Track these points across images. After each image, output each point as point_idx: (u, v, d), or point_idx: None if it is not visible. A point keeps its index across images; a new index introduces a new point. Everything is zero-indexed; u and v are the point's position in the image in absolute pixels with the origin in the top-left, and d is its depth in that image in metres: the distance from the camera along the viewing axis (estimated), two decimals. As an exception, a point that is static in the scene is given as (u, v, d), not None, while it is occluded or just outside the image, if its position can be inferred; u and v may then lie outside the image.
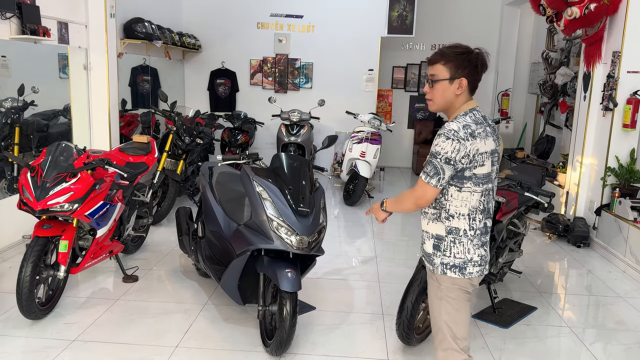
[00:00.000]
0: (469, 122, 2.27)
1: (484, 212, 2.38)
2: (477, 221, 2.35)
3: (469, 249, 2.35)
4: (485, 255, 2.40)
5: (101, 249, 4.16)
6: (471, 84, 2.35)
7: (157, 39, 7.17)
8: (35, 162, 3.74)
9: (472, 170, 2.27)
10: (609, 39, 5.76)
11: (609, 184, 5.72)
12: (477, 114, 2.34)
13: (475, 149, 2.24)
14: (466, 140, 2.22)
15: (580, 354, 3.64)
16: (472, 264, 2.36)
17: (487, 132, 2.30)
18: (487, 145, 2.29)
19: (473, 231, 2.35)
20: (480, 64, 2.33)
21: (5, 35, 4.76)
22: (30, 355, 3.33)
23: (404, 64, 10.40)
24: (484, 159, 2.28)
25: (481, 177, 2.30)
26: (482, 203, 2.35)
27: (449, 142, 2.22)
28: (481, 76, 2.38)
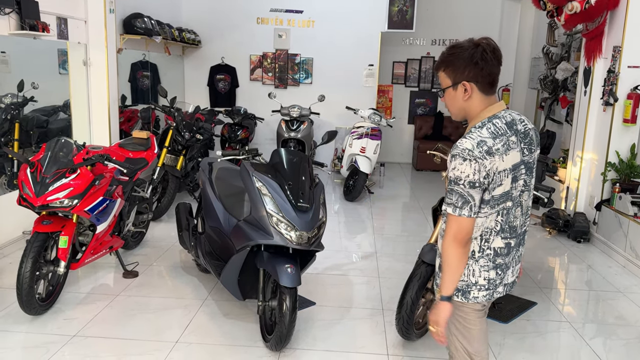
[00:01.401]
0: (484, 137, 1.96)
1: (503, 232, 2.08)
2: (490, 242, 2.08)
3: (473, 270, 2.11)
4: (494, 279, 2.12)
5: (101, 245, 4.16)
6: (481, 85, 2.02)
7: (156, 35, 7.16)
8: (35, 158, 3.73)
9: (491, 192, 1.99)
10: (609, 33, 5.74)
11: (609, 179, 5.71)
12: (500, 121, 2.01)
13: (495, 168, 1.95)
14: (484, 160, 1.93)
15: (580, 349, 3.64)
16: (477, 288, 2.12)
17: (510, 144, 1.99)
18: (507, 161, 1.98)
19: (481, 252, 2.09)
20: (481, 59, 1.98)
21: (4, 31, 4.75)
22: (30, 351, 3.34)
23: (404, 59, 10.38)
24: (502, 177, 1.98)
25: (498, 198, 2.01)
26: (499, 223, 2.06)
27: (467, 164, 1.93)
28: (492, 71, 2.01)
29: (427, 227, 6.27)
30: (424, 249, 3.53)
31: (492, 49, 2.01)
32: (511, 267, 2.17)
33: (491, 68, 2.00)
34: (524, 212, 2.13)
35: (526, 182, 2.09)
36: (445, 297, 2.08)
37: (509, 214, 2.07)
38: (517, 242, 2.15)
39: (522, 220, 2.14)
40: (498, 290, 2.16)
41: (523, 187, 2.08)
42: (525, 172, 2.07)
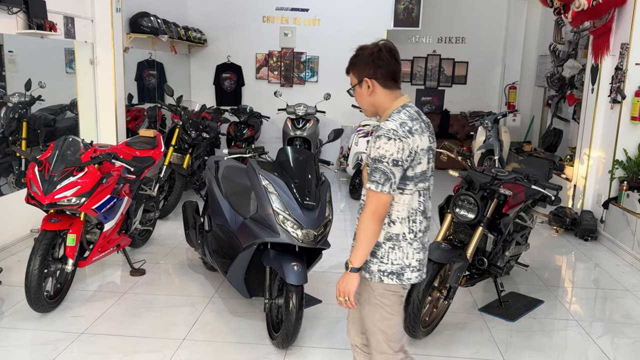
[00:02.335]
0: (404, 119, 2.15)
1: (424, 213, 2.27)
2: (417, 223, 2.24)
3: (408, 253, 2.23)
4: (423, 259, 2.30)
5: (108, 243, 4.18)
6: (381, 80, 2.22)
7: (162, 34, 7.18)
8: (43, 157, 3.76)
9: (414, 169, 2.17)
10: (617, 30, 5.71)
11: (617, 177, 5.68)
12: (411, 109, 2.23)
13: (416, 146, 2.14)
14: (407, 138, 2.11)
15: (587, 348, 3.63)
16: (410, 270, 2.25)
17: (422, 128, 2.20)
18: (423, 141, 2.18)
19: (413, 234, 2.23)
20: (378, 58, 2.20)
21: (12, 30, 4.78)
22: (38, 348, 3.36)
23: (410, 57, 10.36)
24: (421, 156, 2.18)
25: (419, 176, 2.20)
26: (421, 204, 2.24)
27: (392, 143, 2.09)
28: (390, 68, 2.22)
29: (433, 225, 6.25)
30: (430, 247, 3.51)
31: (388, 49, 2.25)
32: (426, 247, 2.35)
33: (389, 66, 2.22)
34: (431, 195, 2.33)
35: (432, 169, 2.30)
36: (355, 269, 2.20)
37: (425, 195, 2.27)
38: (428, 224, 2.34)
39: (430, 204, 2.35)
40: (424, 271, 2.32)
41: (431, 173, 2.29)
42: (432, 157, 2.28)
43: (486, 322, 3.88)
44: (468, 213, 3.60)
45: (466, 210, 3.61)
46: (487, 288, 4.42)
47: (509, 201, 3.78)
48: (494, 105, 10.33)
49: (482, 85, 10.34)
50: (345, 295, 2.21)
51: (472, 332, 3.74)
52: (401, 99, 2.26)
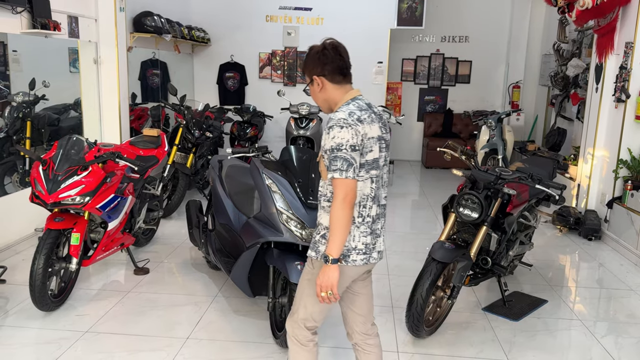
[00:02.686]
0: (353, 109, 2.27)
1: (375, 200, 2.35)
2: (367, 208, 2.33)
3: (354, 236, 2.31)
4: (370, 243, 2.35)
5: (112, 242, 4.20)
6: (329, 77, 2.35)
7: (166, 33, 7.18)
8: (47, 156, 3.77)
9: (365, 156, 2.27)
10: (621, 29, 5.69)
11: (621, 177, 5.66)
12: (361, 102, 2.35)
13: (364, 134, 2.25)
14: (356, 126, 2.22)
15: (591, 347, 3.62)
16: (356, 252, 2.33)
17: (373, 118, 2.31)
18: (373, 130, 2.29)
19: (361, 218, 2.32)
20: (323, 55, 2.35)
21: (16, 30, 4.79)
22: (43, 346, 3.37)
23: (414, 56, 10.35)
24: (371, 144, 2.29)
25: (371, 163, 2.30)
26: (373, 190, 2.33)
27: (344, 130, 2.20)
28: (336, 64, 2.35)
29: (436, 225, 6.26)
30: (434, 246, 3.52)
31: (332, 46, 2.38)
32: (381, 235, 2.43)
33: (334, 62, 2.35)
34: (385, 184, 2.43)
35: (385, 158, 2.40)
36: (335, 260, 2.23)
37: (377, 182, 2.36)
38: (382, 212, 2.43)
39: (385, 193, 2.43)
40: (373, 255, 2.38)
41: (384, 162, 2.39)
42: (385, 147, 2.39)
43: (490, 322, 3.88)
44: (472, 212, 3.59)
45: (470, 210, 3.60)
46: (490, 287, 4.42)
47: (512, 200, 3.77)
48: (497, 105, 10.31)
49: (486, 84, 10.32)
50: (327, 289, 2.24)
51: (475, 332, 3.74)
52: (351, 92, 2.38)
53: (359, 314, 2.56)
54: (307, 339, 2.46)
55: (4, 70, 5.47)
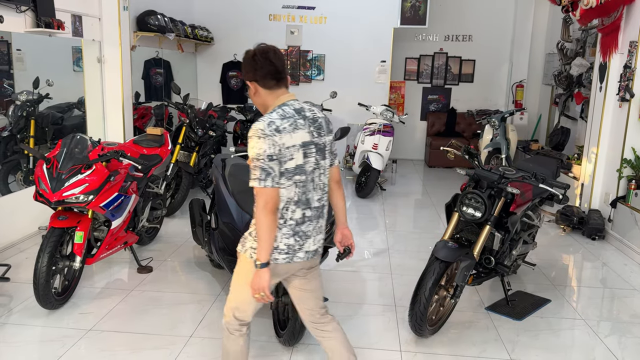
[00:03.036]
0: (274, 119, 2.31)
1: (299, 204, 2.40)
2: (289, 211, 2.38)
3: (276, 237, 2.38)
4: (294, 245, 2.42)
5: (116, 240, 4.21)
6: (261, 82, 2.40)
7: (169, 32, 7.19)
8: (51, 154, 3.78)
9: (284, 165, 2.31)
10: (625, 28, 5.67)
11: (625, 176, 5.65)
12: (288, 108, 2.38)
13: (282, 144, 2.28)
14: (273, 136, 2.27)
15: (594, 347, 3.61)
16: (277, 252, 2.40)
17: (298, 125, 2.35)
18: (295, 138, 2.32)
19: (283, 220, 2.38)
20: (253, 61, 2.40)
21: (20, 29, 4.81)
22: (47, 344, 3.38)
23: (417, 55, 10.33)
24: (292, 152, 2.32)
25: (292, 171, 2.34)
26: (296, 194, 2.38)
27: (262, 141, 2.26)
28: (267, 70, 2.38)
29: (439, 224, 6.25)
30: (437, 245, 3.52)
31: (261, 52, 2.42)
32: (312, 236, 2.49)
33: (264, 68, 2.39)
34: (317, 187, 2.46)
35: (318, 161, 2.43)
36: (264, 264, 2.34)
37: (304, 187, 2.40)
38: (314, 214, 2.47)
39: (319, 196, 2.48)
40: (298, 255, 2.46)
41: (315, 166, 2.42)
42: (316, 152, 2.42)
43: (493, 321, 3.88)
44: (475, 212, 3.59)
45: (473, 209, 3.60)
46: (494, 287, 4.41)
47: (516, 200, 3.76)
48: (501, 104, 10.29)
49: (489, 83, 10.30)
50: (259, 292, 2.35)
51: (478, 331, 3.73)
52: (281, 97, 2.42)
53: (306, 307, 2.67)
54: (235, 328, 2.60)
55: (8, 69, 5.48)
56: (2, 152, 5.42)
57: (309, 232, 2.47)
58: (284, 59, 2.46)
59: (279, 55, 2.44)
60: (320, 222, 2.52)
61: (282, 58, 2.45)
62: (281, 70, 2.42)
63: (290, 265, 2.47)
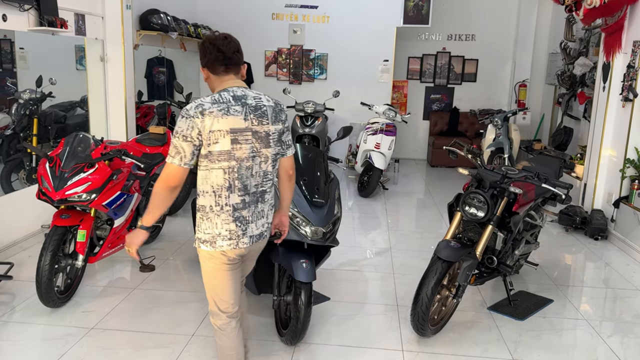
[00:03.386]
0: (205, 102, 2.37)
1: (232, 189, 2.44)
2: (223, 197, 2.44)
3: (216, 224, 2.46)
4: (236, 230, 2.48)
5: (118, 239, 4.21)
6: (211, 69, 2.50)
7: (172, 31, 7.20)
8: (54, 153, 3.79)
9: (207, 148, 2.37)
10: (629, 28, 5.65)
11: (628, 176, 5.63)
12: (227, 94, 2.43)
13: (203, 127, 2.33)
14: (195, 118, 2.33)
15: (597, 347, 3.60)
16: (221, 238, 2.47)
17: (231, 111, 2.39)
18: (222, 123, 2.36)
19: (219, 207, 2.44)
20: (203, 49, 2.48)
21: (23, 27, 4.81)
22: (49, 342, 3.39)
23: (420, 55, 10.32)
24: (217, 136, 2.36)
25: (217, 155, 2.38)
26: (227, 181, 2.42)
27: (183, 121, 2.35)
28: (215, 57, 2.46)
29: (442, 224, 6.25)
30: (439, 245, 3.52)
31: (210, 39, 2.48)
32: (253, 221, 2.55)
33: (211, 54, 2.46)
34: (255, 174, 2.50)
35: (258, 149, 2.48)
36: (144, 227, 2.50)
37: (237, 173, 2.44)
38: (252, 199, 2.52)
39: (257, 182, 2.52)
40: (243, 240, 2.52)
41: (253, 153, 2.46)
42: (256, 139, 2.46)
43: (495, 321, 3.87)
44: (478, 211, 3.58)
45: (476, 209, 3.59)
46: (496, 287, 4.41)
47: (519, 199, 3.76)
48: (503, 103, 10.27)
49: (492, 83, 10.28)
50: (128, 247, 2.53)
51: (480, 331, 3.73)
52: (225, 83, 2.50)
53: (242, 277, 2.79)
54: (223, 322, 2.65)
55: (11, 68, 5.50)
56: (5, 151, 5.43)
57: (249, 217, 2.52)
58: (235, 47, 2.50)
59: (229, 42, 2.48)
60: (260, 207, 2.57)
61: (233, 46, 2.49)
62: (229, 57, 2.47)
63: (237, 251, 2.54)
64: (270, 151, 2.53)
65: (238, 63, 2.51)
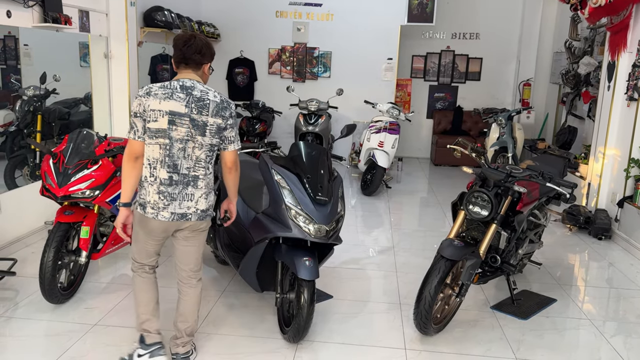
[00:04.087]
0: (154, 86, 2.76)
1: (165, 165, 2.78)
2: (157, 170, 2.78)
3: (149, 192, 2.82)
4: (158, 202, 2.80)
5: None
6: (176, 63, 2.88)
7: (176, 28, 7.20)
8: (57, 149, 3.79)
9: (147, 124, 2.73)
10: (635, 27, 5.63)
11: (632, 176, 5.61)
12: (176, 82, 2.79)
13: (147, 105, 2.72)
14: (143, 97, 2.73)
15: (600, 347, 3.59)
16: (150, 206, 2.82)
17: (174, 96, 2.74)
18: (163, 105, 2.72)
19: (153, 178, 2.79)
20: (174, 45, 2.86)
21: (27, 24, 4.82)
22: (52, 339, 3.40)
23: (424, 53, 10.30)
24: (157, 115, 2.71)
25: (154, 132, 2.73)
26: (161, 155, 2.77)
27: (135, 101, 2.75)
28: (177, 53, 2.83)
29: (445, 222, 6.24)
30: (442, 243, 3.51)
31: (175, 41, 2.86)
32: (178, 200, 2.82)
33: (176, 55, 2.85)
34: (188, 157, 2.80)
35: (193, 135, 2.77)
36: (123, 204, 2.85)
37: (169, 151, 2.77)
38: (182, 180, 2.82)
39: (189, 165, 2.81)
40: (163, 214, 2.82)
41: (187, 137, 2.76)
42: (192, 126, 2.76)
43: (498, 320, 3.86)
44: (482, 210, 3.57)
45: (480, 208, 3.58)
46: (499, 286, 4.40)
47: (523, 199, 3.74)
48: (507, 102, 10.25)
49: (496, 81, 10.26)
50: (119, 226, 2.89)
51: (483, 330, 3.72)
52: (180, 75, 2.86)
53: (178, 262, 3.08)
54: (136, 267, 3.06)
55: (16, 64, 5.50)
56: (9, 147, 5.44)
57: (175, 195, 2.81)
58: (197, 49, 2.81)
59: (191, 45, 2.80)
60: (189, 190, 2.83)
61: (195, 48, 2.80)
62: (189, 57, 2.81)
63: (158, 222, 2.83)
64: (206, 140, 2.81)
65: (198, 62, 2.85)
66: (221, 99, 2.84)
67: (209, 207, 2.94)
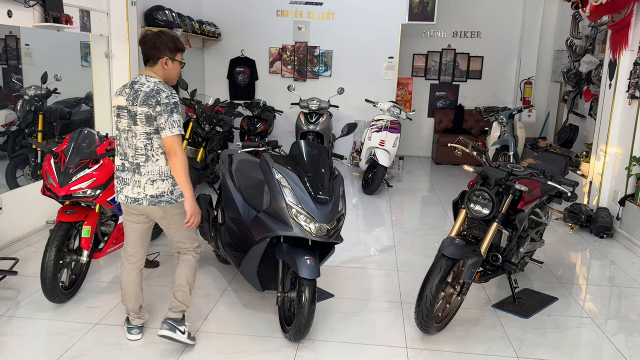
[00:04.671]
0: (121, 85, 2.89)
1: (119, 154, 3.10)
2: (118, 159, 3.11)
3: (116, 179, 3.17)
4: (117, 186, 3.15)
5: (123, 235, 4.20)
6: (144, 61, 3.10)
7: (177, 27, 7.20)
8: (59, 149, 3.79)
9: None
10: (636, 25, 5.61)
11: (634, 174, 5.61)
12: (132, 80, 3.07)
13: (114, 103, 3.09)
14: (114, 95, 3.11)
15: (602, 346, 3.59)
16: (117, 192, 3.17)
17: (123, 92, 3.02)
18: (115, 101, 3.07)
19: (116, 167, 3.13)
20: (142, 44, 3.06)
21: (29, 24, 4.82)
22: (54, 338, 3.40)
23: (425, 52, 10.29)
24: (115, 111, 3.07)
25: (116, 125, 3.09)
26: (119, 146, 3.10)
27: None
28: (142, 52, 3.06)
29: (446, 221, 6.23)
30: (444, 242, 3.51)
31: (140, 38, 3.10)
32: (131, 186, 3.08)
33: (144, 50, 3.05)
34: (131, 146, 3.04)
35: (130, 125, 3.01)
36: None
37: (119, 141, 3.10)
38: (131, 167, 3.06)
39: (132, 153, 3.04)
40: (120, 197, 3.14)
41: (127, 128, 3.03)
42: (129, 117, 3.00)
43: (500, 319, 3.86)
44: (483, 209, 3.57)
45: (481, 206, 3.58)
46: (501, 285, 4.39)
47: (524, 197, 3.74)
48: (509, 101, 10.24)
49: (498, 80, 10.25)
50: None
51: (485, 329, 3.72)
52: (141, 72, 3.09)
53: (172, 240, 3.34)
54: (123, 258, 3.34)
55: (17, 64, 5.50)
56: (11, 147, 5.44)
57: (128, 180, 3.08)
58: (152, 44, 2.99)
59: (147, 42, 3.00)
60: (137, 177, 3.06)
61: (150, 44, 2.99)
62: (145, 53, 3.04)
63: (123, 204, 3.17)
64: (139, 129, 2.99)
65: (153, 57, 3.03)
66: (152, 89, 2.96)
67: (160, 193, 3.06)
